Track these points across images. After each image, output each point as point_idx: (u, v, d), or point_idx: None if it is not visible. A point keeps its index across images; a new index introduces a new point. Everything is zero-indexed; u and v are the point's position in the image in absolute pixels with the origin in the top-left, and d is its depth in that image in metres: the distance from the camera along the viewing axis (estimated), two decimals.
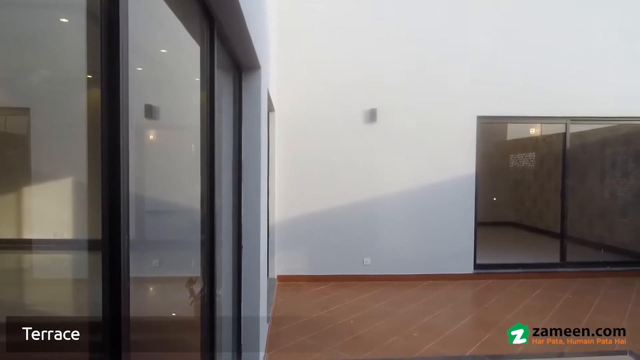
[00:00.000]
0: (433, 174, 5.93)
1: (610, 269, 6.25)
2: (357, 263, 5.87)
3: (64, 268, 1.15)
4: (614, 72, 6.09)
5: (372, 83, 5.87)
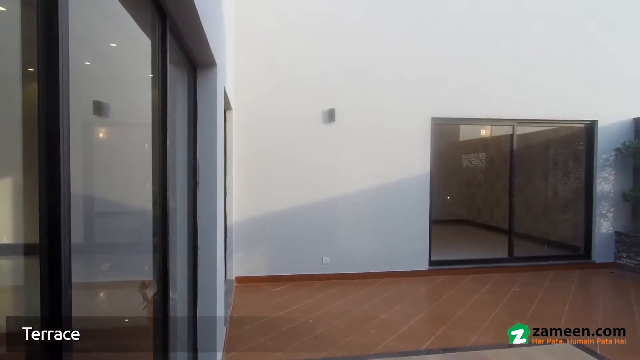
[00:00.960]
0: (390, 173, 6.07)
1: (553, 262, 6.67)
2: (316, 262, 5.89)
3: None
4: (556, 77, 6.50)
5: (330, 83, 5.91)
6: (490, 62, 6.33)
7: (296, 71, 5.85)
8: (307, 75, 5.87)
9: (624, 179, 6.68)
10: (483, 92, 6.31)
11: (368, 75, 6.00)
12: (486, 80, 6.31)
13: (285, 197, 5.83)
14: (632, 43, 6.77)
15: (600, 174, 6.69)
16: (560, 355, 3.48)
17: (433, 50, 6.16)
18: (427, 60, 6.15)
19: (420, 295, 5.42)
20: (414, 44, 6.12)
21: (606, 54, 6.66)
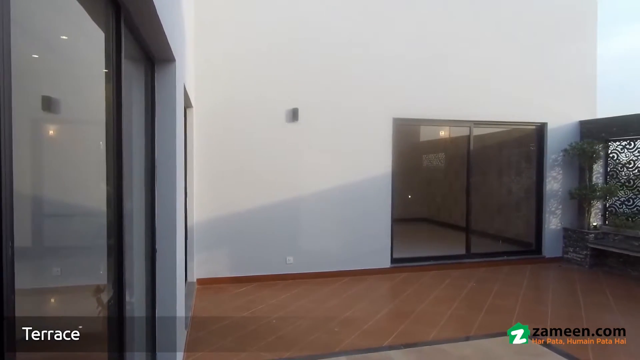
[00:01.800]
0: (353, 173, 6.13)
1: (507, 258, 6.99)
2: (279, 262, 5.86)
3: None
4: (509, 81, 6.82)
5: (294, 83, 5.90)
6: (449, 65, 6.54)
7: (259, 70, 5.79)
8: (270, 74, 5.82)
9: (570, 178, 7.11)
10: (442, 94, 6.51)
11: (332, 75, 6.03)
12: (445, 83, 6.52)
13: (248, 196, 5.76)
14: (578, 51, 7.21)
15: (549, 174, 7.08)
16: (512, 346, 3.64)
17: (395, 53, 6.29)
18: (390, 62, 6.27)
19: (382, 293, 5.52)
20: (377, 46, 6.22)
21: (555, 61, 7.05)
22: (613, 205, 6.80)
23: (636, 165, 6.47)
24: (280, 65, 5.85)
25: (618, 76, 11.39)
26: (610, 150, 6.86)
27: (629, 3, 12.77)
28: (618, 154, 6.76)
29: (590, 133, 6.96)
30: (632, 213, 6.47)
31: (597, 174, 6.92)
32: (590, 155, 6.68)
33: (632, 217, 6.44)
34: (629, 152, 6.58)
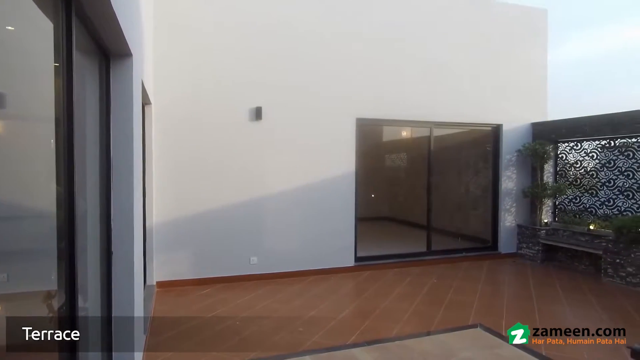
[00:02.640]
0: (317, 172, 6.15)
1: (465, 254, 7.24)
2: (243, 263, 5.78)
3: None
4: (468, 84, 7.07)
5: (257, 81, 5.83)
6: (411, 67, 6.70)
7: (222, 67, 5.68)
8: (233, 72, 5.72)
9: (523, 177, 7.47)
10: (404, 96, 6.66)
11: (296, 74, 6.02)
12: (407, 85, 6.67)
13: (210, 196, 5.64)
14: (530, 56, 7.58)
15: (504, 173, 7.40)
16: (471, 339, 3.78)
17: (359, 54, 6.36)
18: (354, 63, 6.34)
19: (346, 291, 5.56)
20: (342, 46, 6.26)
21: (509, 66, 7.39)
22: (562, 203, 7.20)
23: (582, 165, 6.88)
24: (244, 63, 5.77)
25: (568, 80, 12.10)
26: (560, 151, 7.26)
27: (578, 11, 13.59)
28: (566, 155, 7.17)
29: (542, 134, 7.34)
30: (579, 210, 6.87)
31: (548, 173, 7.31)
32: (541, 155, 7.05)
33: (579, 214, 6.85)
34: (576, 152, 6.99)
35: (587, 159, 6.81)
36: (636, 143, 6.05)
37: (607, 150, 6.49)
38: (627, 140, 6.18)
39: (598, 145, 6.62)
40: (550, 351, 3.53)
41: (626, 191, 6.15)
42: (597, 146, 6.64)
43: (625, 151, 6.18)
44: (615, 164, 6.32)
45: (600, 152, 6.60)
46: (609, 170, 6.41)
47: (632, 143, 6.10)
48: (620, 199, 6.24)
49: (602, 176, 6.54)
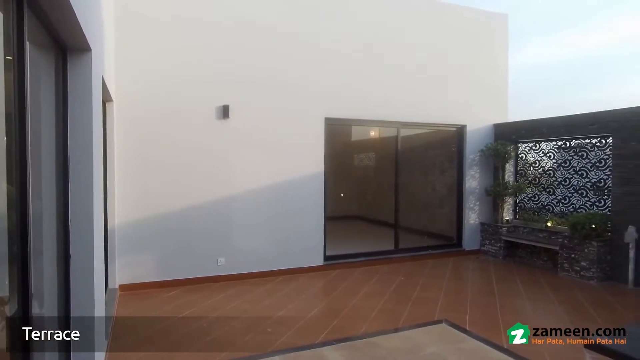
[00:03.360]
0: (285, 171, 6.12)
1: (431, 252, 7.41)
2: (211, 264, 5.68)
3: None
4: (433, 86, 7.24)
5: (225, 79, 5.74)
6: (379, 69, 6.79)
7: (188, 64, 5.55)
8: (199, 70, 5.61)
9: (486, 176, 7.73)
10: (372, 96, 6.74)
11: (264, 73, 5.96)
12: (375, 86, 6.75)
13: (175, 196, 5.50)
14: (491, 60, 7.85)
15: (468, 172, 7.63)
16: (437, 335, 3.88)
17: (328, 54, 6.38)
18: (323, 63, 6.35)
19: (316, 290, 5.57)
20: (311, 46, 6.27)
21: (472, 69, 7.63)
22: (522, 201, 7.51)
23: (541, 165, 7.20)
24: (210, 60, 5.67)
25: (526, 83, 12.66)
26: (520, 151, 7.56)
27: (538, 18, 14.23)
28: (526, 155, 7.48)
29: (503, 135, 7.62)
30: (538, 208, 7.19)
31: (509, 172, 7.60)
32: (502, 155, 7.32)
33: (537, 212, 7.16)
34: (535, 153, 7.30)
35: (545, 159, 7.13)
36: (589, 144, 6.38)
37: (563, 150, 6.81)
38: (581, 141, 6.51)
39: (555, 145, 6.94)
40: (510, 344, 3.66)
41: (580, 189, 6.48)
42: (554, 147, 6.96)
43: (580, 151, 6.50)
44: (571, 163, 6.64)
45: (557, 153, 6.92)
46: (565, 169, 6.74)
47: (586, 144, 6.43)
48: (575, 197, 6.57)
49: (558, 175, 6.86)
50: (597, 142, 6.24)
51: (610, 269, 5.78)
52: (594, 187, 6.27)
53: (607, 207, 6.02)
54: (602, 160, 6.14)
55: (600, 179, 6.17)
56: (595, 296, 5.13)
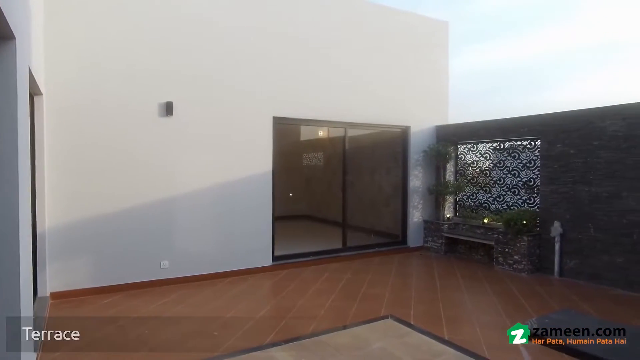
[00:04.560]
0: (233, 171, 6.00)
1: (378, 249, 7.61)
2: (153, 267, 5.43)
3: None
4: (379, 87, 7.44)
5: (168, 74, 5.52)
6: (327, 69, 6.85)
7: (128, 56, 5.27)
8: (140, 63, 5.34)
9: (429, 175, 8.06)
10: (320, 97, 6.79)
11: (209, 70, 5.80)
12: (323, 86, 6.81)
13: (113, 197, 5.20)
14: (433, 64, 8.21)
15: (412, 172, 7.92)
16: (383, 330, 3.98)
17: (277, 54, 6.34)
18: (271, 63, 6.30)
19: (264, 291, 5.51)
20: (260, 46, 6.18)
21: (415, 72, 7.92)
22: (462, 199, 7.92)
23: (478, 165, 7.63)
24: (153, 54, 5.42)
25: (467, 87, 13.43)
26: (460, 152, 7.97)
27: (479, 24, 15.09)
28: (465, 155, 7.89)
29: (444, 136, 7.99)
30: (476, 205, 7.62)
31: (450, 172, 7.99)
32: (443, 156, 7.68)
33: (475, 209, 7.58)
34: (473, 154, 7.73)
35: (482, 159, 7.57)
36: (520, 146, 6.86)
37: (498, 151, 7.27)
38: (514, 143, 6.98)
39: (491, 147, 7.39)
40: (451, 336, 3.85)
41: (513, 188, 6.95)
42: (490, 148, 7.41)
43: (512, 153, 6.98)
44: (505, 164, 7.11)
45: (493, 154, 7.38)
46: (500, 169, 7.20)
47: (518, 146, 6.91)
48: (508, 195, 7.03)
49: (494, 175, 7.31)
50: (527, 144, 6.73)
51: (539, 261, 6.25)
52: (525, 186, 6.76)
53: (536, 205, 6.51)
54: (532, 161, 6.63)
55: (531, 178, 6.66)
56: (525, 287, 5.53)
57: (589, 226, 5.67)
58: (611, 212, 5.44)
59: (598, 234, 5.58)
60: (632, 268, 5.23)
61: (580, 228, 5.78)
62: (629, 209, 5.27)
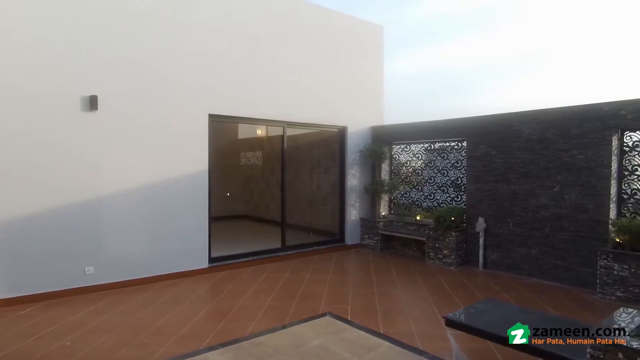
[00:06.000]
0: (165, 170, 5.74)
1: (317, 248, 7.69)
2: (76, 274, 5.04)
3: None
4: (318, 87, 7.53)
5: (92, 65, 5.14)
6: (266, 68, 6.80)
7: (45, 44, 4.83)
8: (59, 52, 4.92)
9: (365, 174, 8.31)
10: (258, 95, 6.71)
11: (141, 63, 5.51)
12: (261, 84, 6.74)
13: (30, 200, 4.75)
14: (369, 67, 8.46)
15: (349, 171, 8.11)
16: (321, 327, 4.03)
17: (214, 50, 6.17)
18: (208, 58, 6.12)
19: (200, 294, 5.34)
20: (195, 39, 5.97)
21: (353, 74, 8.12)
22: (396, 198, 8.25)
23: (411, 165, 8.00)
24: (74, 43, 5.02)
25: (404, 89, 14.06)
26: (394, 152, 8.30)
27: (410, 32, 15.81)
28: (399, 155, 8.23)
29: (380, 137, 8.27)
30: (409, 203, 7.98)
31: (385, 171, 8.29)
32: (379, 155, 7.96)
33: (409, 207, 7.94)
34: (406, 154, 8.09)
35: (415, 159, 7.95)
36: (449, 147, 7.29)
37: (429, 152, 7.68)
38: (443, 144, 7.41)
39: (422, 147, 7.78)
40: (386, 329, 4.00)
41: (443, 186, 7.38)
42: (421, 149, 7.79)
43: (442, 153, 7.40)
44: (435, 163, 7.52)
45: (424, 154, 7.77)
46: (430, 169, 7.60)
47: (447, 147, 7.34)
48: (438, 193, 7.46)
49: (425, 174, 7.71)
50: (455, 145, 7.18)
51: (466, 255, 6.70)
52: (453, 184, 7.20)
53: (463, 202, 6.97)
54: (459, 161, 7.08)
55: (458, 177, 7.11)
56: (454, 279, 5.89)
57: (509, 221, 6.18)
58: (527, 208, 5.97)
59: (516, 229, 6.09)
60: (544, 259, 5.78)
61: (501, 223, 6.28)
62: (541, 205, 5.81)
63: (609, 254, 4.89)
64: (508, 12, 14.77)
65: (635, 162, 5.12)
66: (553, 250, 5.68)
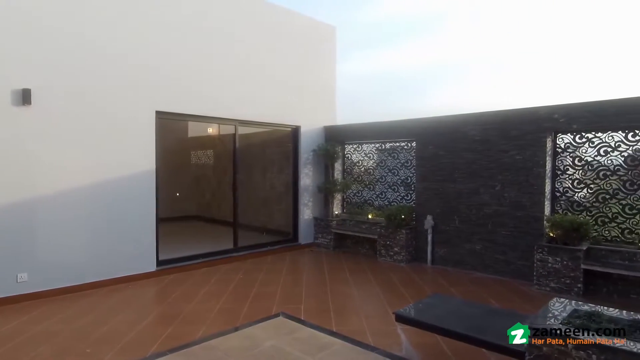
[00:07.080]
0: (108, 170, 5.45)
1: (270, 248, 7.63)
2: (7, 282, 4.66)
3: None
4: (271, 86, 7.46)
5: (24, 58, 4.77)
6: (217, 65, 6.65)
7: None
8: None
9: (318, 174, 8.35)
10: (209, 92, 6.54)
11: (81, 57, 5.18)
12: (212, 82, 6.58)
13: None
14: (321, 68, 8.51)
15: (303, 171, 8.12)
16: (274, 328, 4.00)
17: (161, 43, 5.92)
18: (155, 53, 5.87)
19: (147, 299, 5.12)
20: (142, 33, 5.71)
21: (306, 74, 8.14)
22: (349, 197, 8.36)
23: (363, 164, 8.15)
24: (2, 31, 4.62)
25: (357, 90, 14.32)
26: (347, 152, 8.41)
27: (363, 33, 16.12)
28: (351, 155, 8.35)
29: (333, 137, 8.35)
30: (361, 202, 8.12)
31: (338, 171, 8.37)
32: (332, 155, 8.03)
33: (361, 206, 8.08)
34: (358, 153, 8.22)
35: (366, 159, 8.10)
36: (399, 147, 7.50)
37: (380, 152, 7.86)
38: (394, 144, 7.61)
39: (374, 147, 7.94)
40: (339, 327, 4.04)
41: (393, 185, 7.58)
42: (373, 148, 7.96)
43: (393, 153, 7.60)
44: (386, 163, 7.71)
45: (376, 154, 7.94)
46: (382, 168, 7.78)
47: (397, 147, 7.55)
48: (389, 192, 7.65)
49: (377, 173, 7.88)
50: (405, 146, 7.39)
51: (415, 251, 6.92)
52: (403, 183, 7.41)
53: (412, 200, 7.19)
54: (409, 160, 7.30)
55: (408, 176, 7.33)
56: (404, 276, 6.07)
57: (455, 219, 6.46)
58: (471, 206, 6.27)
59: (461, 225, 6.38)
60: (487, 254, 6.10)
61: (447, 220, 6.55)
62: (484, 203, 6.13)
63: (544, 248, 5.25)
64: (458, 17, 15.50)
65: (566, 162, 5.54)
66: (495, 246, 6.01)
